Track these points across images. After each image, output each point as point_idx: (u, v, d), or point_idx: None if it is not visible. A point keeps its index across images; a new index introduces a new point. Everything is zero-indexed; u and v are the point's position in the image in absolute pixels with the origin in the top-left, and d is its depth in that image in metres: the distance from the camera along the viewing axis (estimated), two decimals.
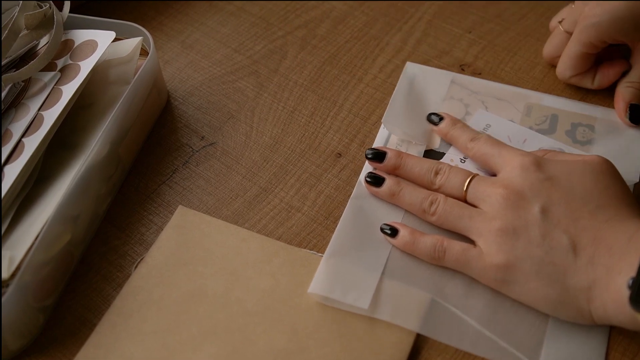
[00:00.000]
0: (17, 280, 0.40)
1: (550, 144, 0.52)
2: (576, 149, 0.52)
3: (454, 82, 0.57)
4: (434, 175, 0.47)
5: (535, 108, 0.55)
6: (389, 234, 0.46)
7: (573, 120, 0.54)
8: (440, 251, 0.44)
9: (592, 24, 0.51)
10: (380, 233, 0.47)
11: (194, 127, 0.56)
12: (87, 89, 0.51)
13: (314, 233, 0.49)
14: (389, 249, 0.46)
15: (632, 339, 0.43)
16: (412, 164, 0.48)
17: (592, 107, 0.55)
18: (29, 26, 0.50)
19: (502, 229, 0.42)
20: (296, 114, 0.56)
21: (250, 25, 0.64)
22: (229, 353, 0.42)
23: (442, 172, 0.47)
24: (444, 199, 0.46)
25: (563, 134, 0.53)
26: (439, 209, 0.45)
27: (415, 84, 0.57)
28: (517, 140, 0.52)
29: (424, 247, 0.45)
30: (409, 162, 0.49)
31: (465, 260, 0.44)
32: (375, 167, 0.50)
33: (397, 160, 0.49)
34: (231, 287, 0.45)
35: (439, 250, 0.44)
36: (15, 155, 0.45)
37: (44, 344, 0.44)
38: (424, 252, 0.45)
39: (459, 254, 0.44)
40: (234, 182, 0.52)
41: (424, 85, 0.57)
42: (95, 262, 0.48)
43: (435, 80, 0.57)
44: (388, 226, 0.47)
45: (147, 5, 0.65)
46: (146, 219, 0.50)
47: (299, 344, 0.43)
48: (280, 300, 0.44)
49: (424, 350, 0.43)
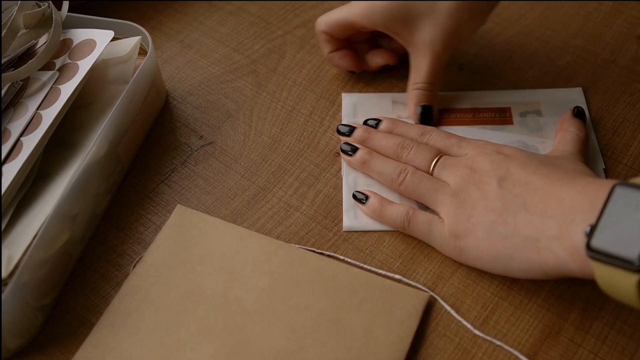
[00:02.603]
0: (16, 279, 0.40)
1: (511, 140, 0.53)
2: (535, 136, 0.53)
3: (396, 102, 0.56)
4: (400, 149, 0.49)
5: (481, 107, 0.55)
6: (360, 201, 0.49)
7: (520, 110, 0.55)
8: (406, 220, 0.47)
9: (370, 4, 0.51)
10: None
11: (192, 126, 0.56)
12: (86, 88, 0.51)
13: (313, 232, 0.49)
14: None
15: (630, 338, 0.43)
16: (380, 137, 0.51)
17: (532, 91, 0.56)
18: (27, 25, 0.50)
19: (462, 201, 0.45)
20: (295, 113, 0.56)
21: (249, 25, 0.64)
22: (227, 352, 0.42)
23: (409, 147, 0.49)
24: (413, 171, 0.48)
25: (518, 126, 0.54)
26: (407, 179, 0.47)
27: (359, 112, 0.56)
28: None
29: (391, 214, 0.47)
30: (377, 136, 0.51)
31: (429, 230, 0.46)
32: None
33: (365, 134, 0.52)
34: (229, 286, 0.45)
35: (405, 219, 0.47)
36: (13, 154, 0.45)
37: (42, 343, 0.44)
38: (390, 219, 0.48)
39: (423, 224, 0.46)
40: (232, 181, 0.52)
41: (369, 112, 0.55)
42: (94, 261, 0.48)
43: (377, 104, 0.56)
44: (359, 192, 0.49)
45: (145, 4, 0.65)
46: (145, 218, 0.50)
47: (298, 343, 0.43)
48: (279, 299, 0.44)
49: (423, 349, 0.43)
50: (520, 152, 0.46)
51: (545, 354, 0.43)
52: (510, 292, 0.46)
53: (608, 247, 0.36)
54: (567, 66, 0.59)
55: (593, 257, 0.37)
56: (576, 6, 0.63)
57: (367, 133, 0.51)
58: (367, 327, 0.43)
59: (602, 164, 0.51)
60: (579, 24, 0.62)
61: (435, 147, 0.49)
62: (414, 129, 0.51)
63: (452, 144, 0.49)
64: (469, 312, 0.45)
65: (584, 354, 0.43)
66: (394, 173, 0.48)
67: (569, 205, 0.40)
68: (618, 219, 0.37)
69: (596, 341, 0.43)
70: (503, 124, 0.54)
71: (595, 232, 0.37)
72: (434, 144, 0.49)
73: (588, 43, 0.60)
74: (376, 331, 0.43)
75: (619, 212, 0.37)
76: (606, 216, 0.37)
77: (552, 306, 0.45)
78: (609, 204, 0.37)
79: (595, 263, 0.37)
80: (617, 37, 0.61)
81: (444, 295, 0.46)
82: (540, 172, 0.43)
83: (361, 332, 0.43)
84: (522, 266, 0.42)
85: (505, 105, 0.55)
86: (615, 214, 0.37)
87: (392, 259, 0.47)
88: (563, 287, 0.46)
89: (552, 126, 0.53)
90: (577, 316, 0.44)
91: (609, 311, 0.45)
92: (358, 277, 0.46)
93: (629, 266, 0.35)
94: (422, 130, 0.50)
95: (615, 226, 0.37)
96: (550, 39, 0.61)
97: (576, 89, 0.56)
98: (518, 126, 0.54)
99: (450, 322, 0.44)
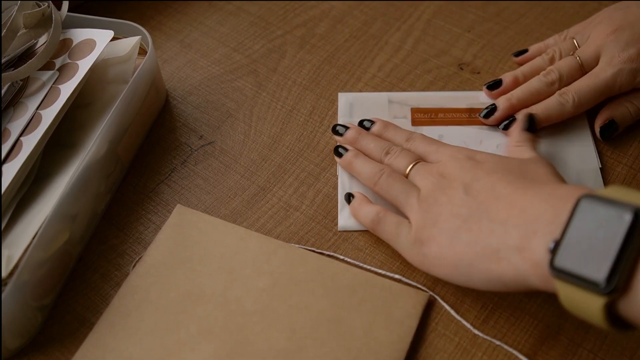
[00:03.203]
0: (15, 279, 0.40)
1: (505, 139, 0.53)
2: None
3: (392, 101, 0.56)
4: (384, 154, 0.50)
5: (477, 107, 0.55)
6: (347, 200, 0.50)
7: None
8: (376, 219, 0.47)
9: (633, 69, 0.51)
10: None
11: (192, 126, 0.56)
12: (86, 88, 0.51)
13: (313, 232, 0.49)
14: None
15: (630, 338, 0.43)
16: (368, 140, 0.51)
17: None
18: (27, 25, 0.50)
19: (429, 207, 0.44)
20: (295, 113, 0.56)
21: (249, 25, 0.64)
22: (227, 352, 0.42)
23: (392, 152, 0.49)
24: (389, 172, 0.48)
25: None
26: (382, 179, 0.48)
27: (355, 112, 0.56)
28: (474, 142, 0.53)
29: (363, 213, 0.48)
30: (366, 138, 0.52)
31: (396, 232, 0.46)
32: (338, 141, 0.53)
33: (356, 135, 0.52)
34: (229, 286, 0.45)
35: (375, 218, 0.47)
36: (13, 154, 0.45)
37: (42, 343, 0.44)
38: (362, 217, 0.48)
39: (391, 226, 0.46)
40: (232, 181, 0.52)
41: (365, 112, 0.56)
42: (94, 261, 0.48)
43: (373, 104, 0.56)
44: (349, 193, 0.50)
45: (145, 4, 0.65)
46: (144, 217, 0.50)
47: (297, 343, 0.43)
48: (279, 299, 0.44)
49: (422, 349, 0.43)
50: (491, 158, 0.45)
51: (545, 353, 0.43)
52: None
53: (573, 266, 0.34)
54: None
55: (557, 276, 0.35)
56: (576, 6, 0.63)
57: (358, 134, 0.52)
58: (366, 326, 0.43)
59: (598, 163, 0.51)
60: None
61: (417, 152, 0.49)
62: (401, 133, 0.51)
63: (431, 150, 0.48)
64: (468, 311, 0.45)
65: (584, 353, 0.43)
66: (372, 172, 0.48)
67: (532, 214, 0.38)
68: (584, 235, 0.35)
69: (596, 341, 0.43)
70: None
71: (559, 250, 0.35)
72: (415, 149, 0.49)
73: None
74: (376, 331, 0.43)
75: (585, 228, 0.35)
76: (571, 232, 0.35)
77: (551, 306, 0.45)
78: (574, 219, 0.35)
79: (559, 282, 0.35)
80: None
81: (444, 294, 0.46)
82: (506, 179, 0.42)
83: (361, 331, 0.43)
84: (482, 276, 0.40)
85: None
86: (581, 230, 0.35)
87: (392, 259, 0.47)
88: None
89: (549, 125, 0.53)
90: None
91: None
92: (358, 276, 0.46)
93: (595, 288, 0.33)
94: (408, 136, 0.51)
95: (580, 244, 0.35)
96: None
97: None
98: None
99: (450, 321, 0.44)
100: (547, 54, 0.55)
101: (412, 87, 0.58)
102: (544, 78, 0.53)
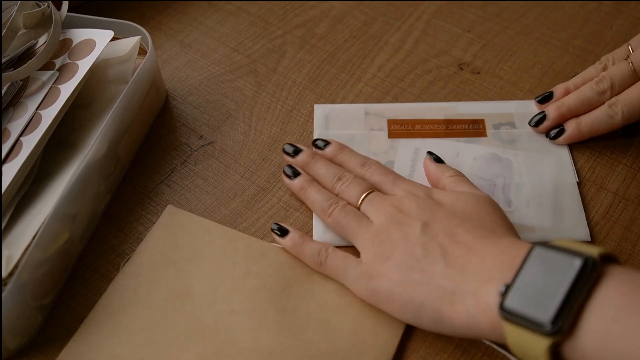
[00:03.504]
0: (15, 279, 0.40)
1: (484, 152, 0.52)
2: (507, 149, 0.52)
3: (369, 113, 0.55)
4: (336, 181, 0.48)
5: (454, 117, 0.54)
6: (278, 234, 0.47)
7: (494, 121, 0.54)
8: (323, 256, 0.45)
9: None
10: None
11: (192, 126, 0.56)
12: (86, 88, 0.51)
13: (312, 232, 0.49)
14: None
15: None
16: (320, 166, 0.50)
17: (506, 103, 0.56)
18: (27, 25, 0.50)
19: (382, 241, 0.43)
20: (295, 113, 0.56)
21: (249, 25, 0.64)
22: (214, 352, 0.42)
23: (344, 180, 0.48)
24: (343, 205, 0.46)
25: (491, 138, 0.53)
26: (335, 212, 0.46)
27: (331, 124, 0.55)
28: (450, 155, 0.52)
29: (309, 250, 0.46)
30: (318, 163, 0.50)
31: (344, 267, 0.44)
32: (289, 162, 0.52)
33: (308, 159, 0.51)
34: (218, 286, 0.45)
35: (323, 254, 0.45)
36: (13, 154, 0.45)
37: (42, 343, 0.44)
38: (308, 255, 0.46)
39: (339, 260, 0.45)
40: (232, 181, 0.52)
41: (341, 124, 0.55)
42: (94, 261, 0.48)
43: (349, 116, 0.55)
44: (277, 225, 0.48)
45: (145, 4, 0.65)
46: (144, 217, 0.50)
47: (285, 344, 0.42)
48: (267, 301, 0.44)
49: (423, 349, 0.43)
50: (449, 199, 0.44)
51: None
52: None
53: (521, 308, 0.35)
54: (567, 66, 0.59)
55: (505, 318, 0.36)
56: (576, 6, 0.63)
57: (310, 158, 0.50)
58: (354, 329, 0.43)
59: (575, 178, 0.51)
60: (579, 24, 0.62)
61: (371, 180, 0.48)
62: (355, 158, 0.50)
63: (387, 180, 0.47)
64: None
65: None
66: (325, 204, 0.47)
67: (490, 263, 0.39)
68: (534, 279, 0.36)
69: None
70: (477, 136, 0.53)
71: (509, 292, 0.36)
72: (369, 177, 0.48)
73: (588, 43, 0.60)
74: (363, 333, 0.43)
75: (536, 273, 0.36)
76: (522, 276, 0.36)
77: None
78: (526, 265, 0.37)
79: (507, 324, 0.36)
80: (617, 37, 0.61)
81: None
82: (465, 226, 0.42)
83: (348, 334, 0.43)
84: (433, 316, 0.40)
85: (479, 117, 0.54)
86: (532, 275, 0.36)
87: None
88: None
89: (526, 138, 0.53)
90: None
91: None
92: None
93: (541, 329, 0.34)
94: (362, 161, 0.49)
95: (530, 287, 0.36)
96: (550, 39, 0.61)
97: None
98: (491, 138, 0.53)
99: None
100: (600, 62, 0.54)
101: (412, 86, 0.58)
102: (595, 86, 0.51)
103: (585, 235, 0.48)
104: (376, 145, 0.53)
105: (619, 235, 0.48)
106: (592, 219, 0.49)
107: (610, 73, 0.51)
